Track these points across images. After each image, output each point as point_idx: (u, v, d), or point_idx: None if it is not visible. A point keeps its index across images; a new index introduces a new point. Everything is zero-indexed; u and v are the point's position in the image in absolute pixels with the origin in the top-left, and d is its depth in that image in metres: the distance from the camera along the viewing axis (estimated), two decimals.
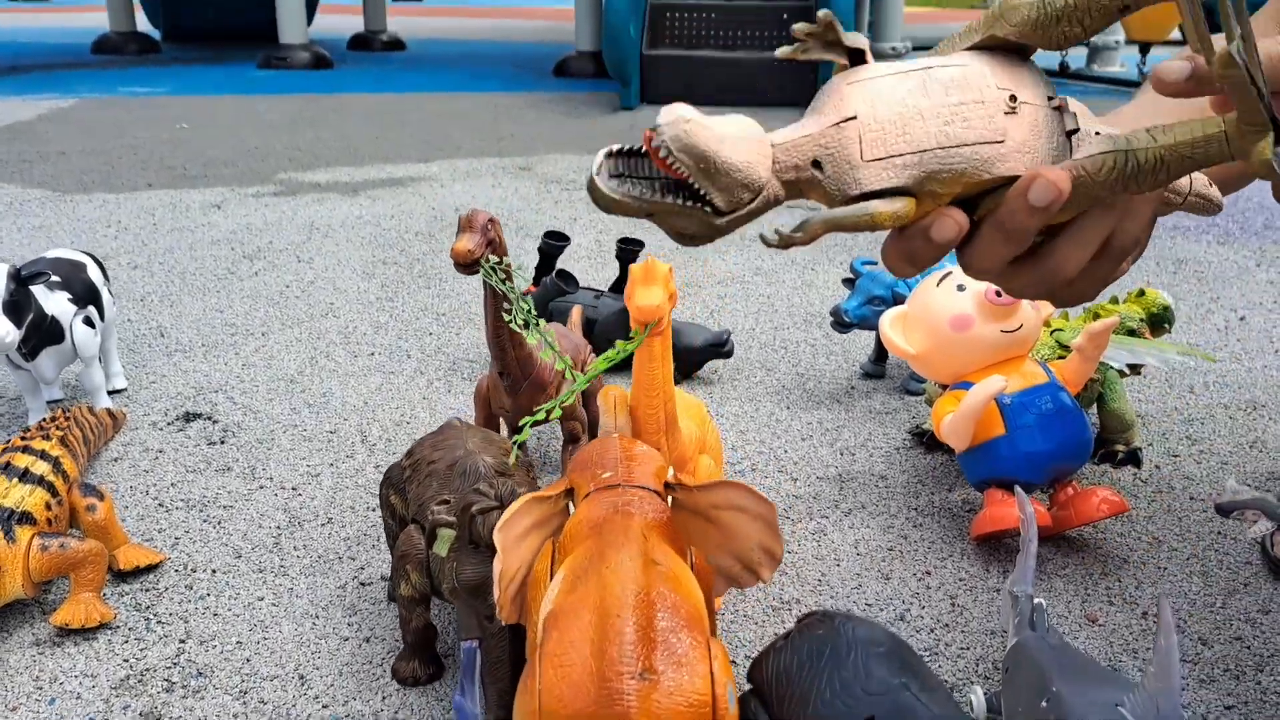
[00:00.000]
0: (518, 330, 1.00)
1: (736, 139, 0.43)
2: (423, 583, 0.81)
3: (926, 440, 1.28)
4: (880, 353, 1.48)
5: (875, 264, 1.42)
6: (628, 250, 1.56)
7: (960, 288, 1.06)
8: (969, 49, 0.46)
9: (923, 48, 6.47)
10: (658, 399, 0.81)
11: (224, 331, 1.64)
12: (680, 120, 0.42)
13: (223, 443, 1.26)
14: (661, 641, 0.54)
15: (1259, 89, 0.41)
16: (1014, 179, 0.44)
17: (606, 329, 1.46)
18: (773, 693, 0.59)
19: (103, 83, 4.95)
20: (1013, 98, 0.44)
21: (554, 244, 1.59)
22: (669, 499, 0.68)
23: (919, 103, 0.44)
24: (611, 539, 0.61)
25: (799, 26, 0.48)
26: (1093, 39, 6.48)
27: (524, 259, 2.09)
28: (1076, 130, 0.45)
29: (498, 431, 1.19)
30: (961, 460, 1.08)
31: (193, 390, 1.41)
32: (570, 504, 0.70)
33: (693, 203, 0.44)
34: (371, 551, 1.03)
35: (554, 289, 1.52)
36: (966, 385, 1.04)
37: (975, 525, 1.04)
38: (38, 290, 1.21)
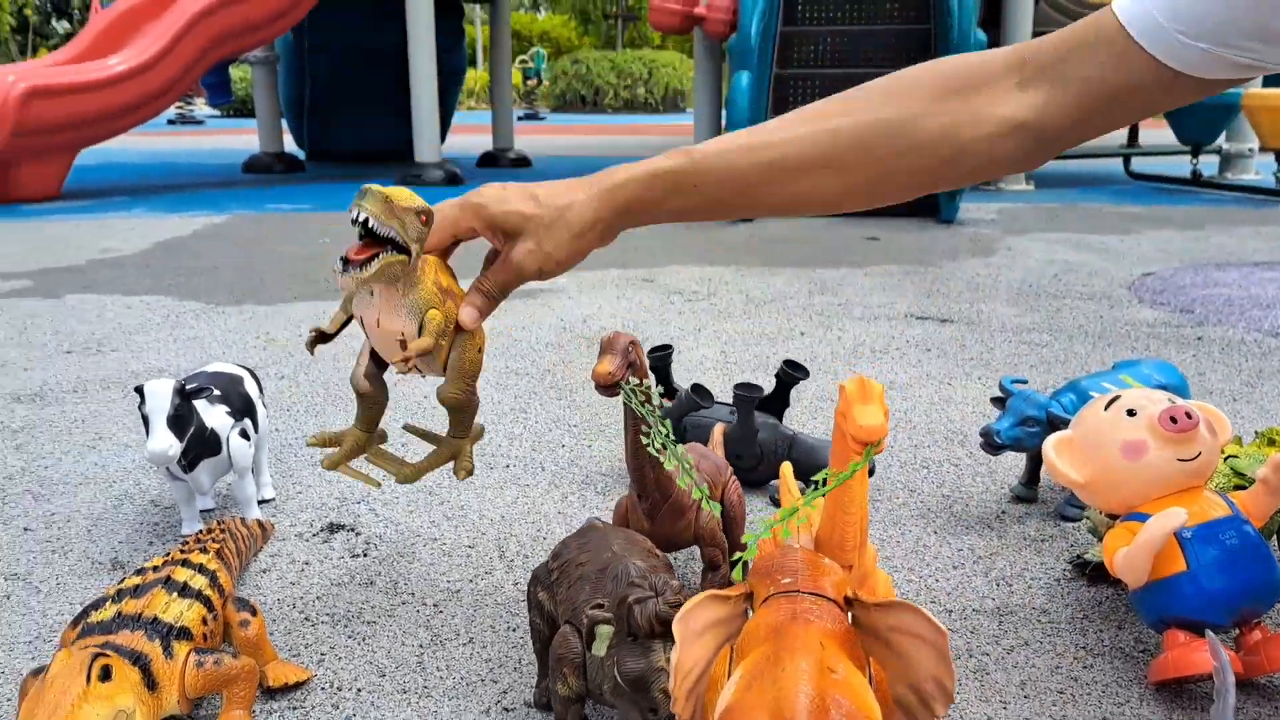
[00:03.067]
0: (655, 454, 0.99)
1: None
2: (579, 685, 0.81)
3: (1089, 572, 1.20)
4: (1032, 475, 1.42)
5: (1025, 382, 1.37)
6: (790, 375, 1.52)
7: (1130, 412, 1.00)
8: None
9: None
10: (854, 516, 0.79)
11: None
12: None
13: (365, 555, 1.27)
14: (834, 710, 0.53)
15: None
16: None
17: (739, 445, 1.43)
18: None
19: (252, 200, 5.27)
20: None
21: (660, 356, 1.58)
22: (849, 614, 0.67)
23: None
24: (789, 644, 0.60)
25: None
26: (1225, 145, 6.32)
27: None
28: None
29: None
30: (1135, 598, 1.01)
31: (336, 501, 1.44)
32: (749, 609, 0.69)
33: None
34: (514, 675, 1.01)
35: (689, 403, 1.51)
36: (1140, 517, 0.98)
37: (1155, 669, 0.97)
38: (199, 404, 1.26)
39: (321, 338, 0.95)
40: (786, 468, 1.13)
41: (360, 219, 0.82)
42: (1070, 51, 0.84)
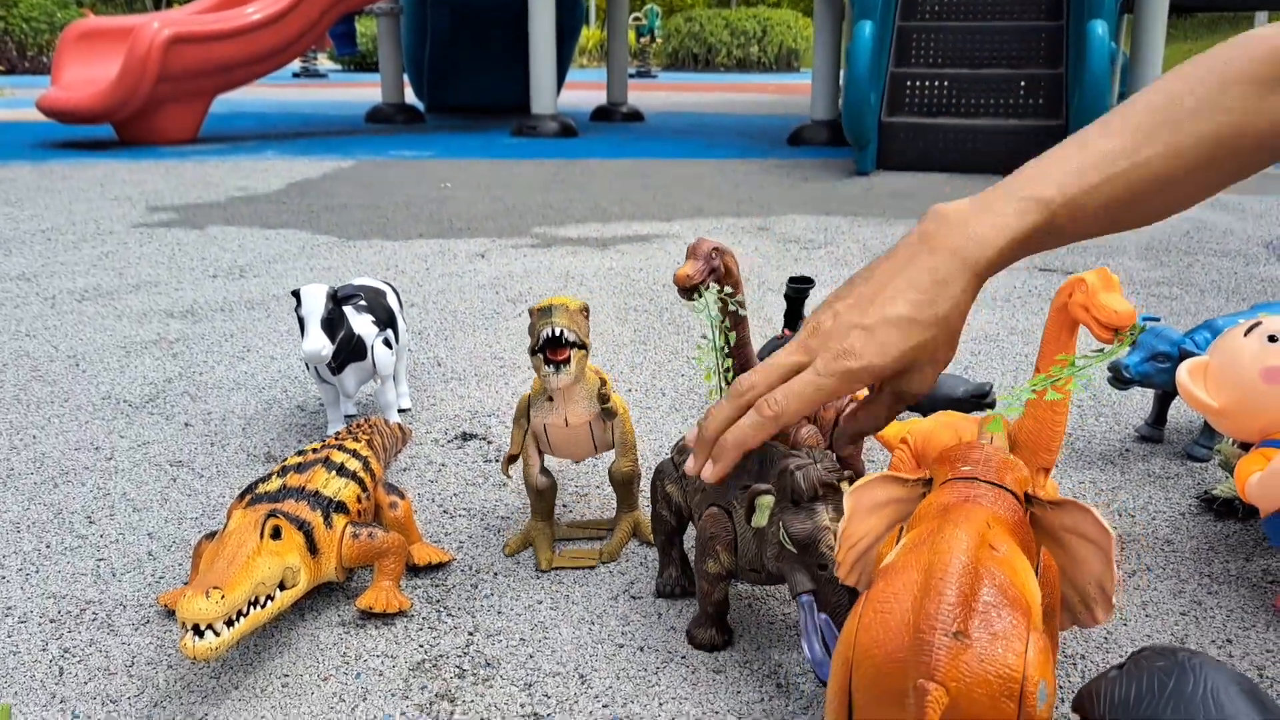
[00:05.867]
0: (699, 362, 1.04)
1: None
2: (730, 560, 0.86)
3: (1217, 507, 1.19)
4: (1159, 415, 1.40)
5: (1158, 320, 1.35)
6: (799, 289, 1.54)
7: (1272, 338, 0.99)
8: None
9: None
10: (1063, 415, 0.81)
11: (493, 364, 1.75)
12: None
13: (498, 460, 1.34)
14: (981, 612, 0.55)
15: None
16: None
17: None
18: None
19: (376, 147, 5.43)
20: None
21: (800, 288, 1.59)
22: (1027, 512, 0.68)
23: None
24: (954, 518, 0.63)
25: None
26: None
27: (769, 311, 2.12)
28: None
29: None
30: (1268, 524, 1.00)
31: (468, 413, 1.51)
32: (926, 493, 0.72)
33: None
34: (640, 568, 1.06)
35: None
36: (1277, 444, 0.97)
37: None
38: (348, 310, 1.34)
39: (512, 459, 1.08)
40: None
41: (557, 333, 0.95)
42: None
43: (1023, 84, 4.57)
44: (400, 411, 1.49)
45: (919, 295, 0.73)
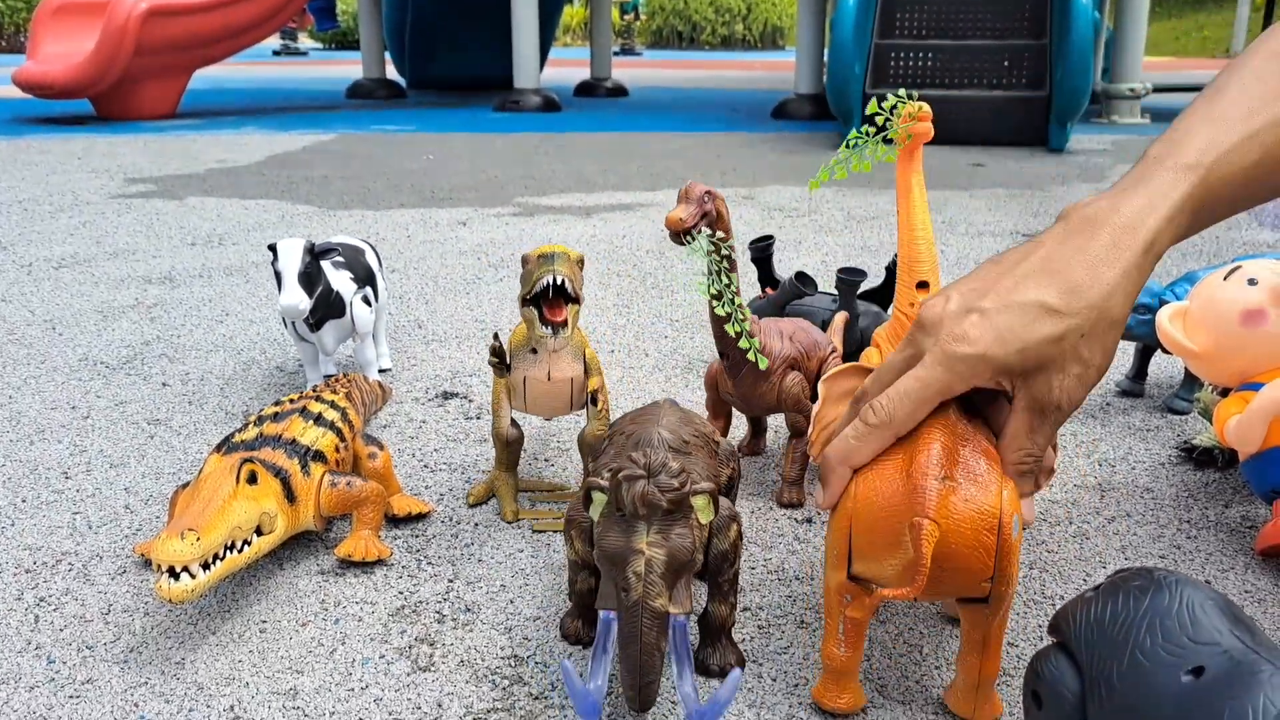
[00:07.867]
0: (711, 302, 1.00)
1: None
2: (585, 549, 0.78)
3: (1197, 456, 1.19)
4: (1140, 370, 1.40)
5: None
6: (763, 248, 1.61)
7: (1252, 281, 0.99)
8: None
9: (1162, 90, 6.12)
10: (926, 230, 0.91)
11: (474, 326, 1.74)
12: None
13: (479, 418, 1.33)
14: (963, 462, 0.63)
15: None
16: None
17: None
18: (1081, 644, 0.56)
19: (357, 121, 5.38)
20: None
21: (762, 247, 1.62)
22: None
23: None
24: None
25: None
26: None
27: (753, 278, 2.11)
28: None
29: (729, 417, 1.20)
30: (1247, 468, 1.00)
31: (449, 373, 1.50)
32: None
33: None
34: None
35: (792, 291, 1.53)
36: (1255, 386, 0.97)
37: (1262, 537, 0.96)
38: (326, 266, 1.33)
39: (500, 359, 1.02)
40: (840, 317, 1.17)
41: (559, 282, 0.91)
42: None
43: (1007, 55, 4.56)
44: (381, 371, 1.48)
45: (1062, 278, 0.61)
